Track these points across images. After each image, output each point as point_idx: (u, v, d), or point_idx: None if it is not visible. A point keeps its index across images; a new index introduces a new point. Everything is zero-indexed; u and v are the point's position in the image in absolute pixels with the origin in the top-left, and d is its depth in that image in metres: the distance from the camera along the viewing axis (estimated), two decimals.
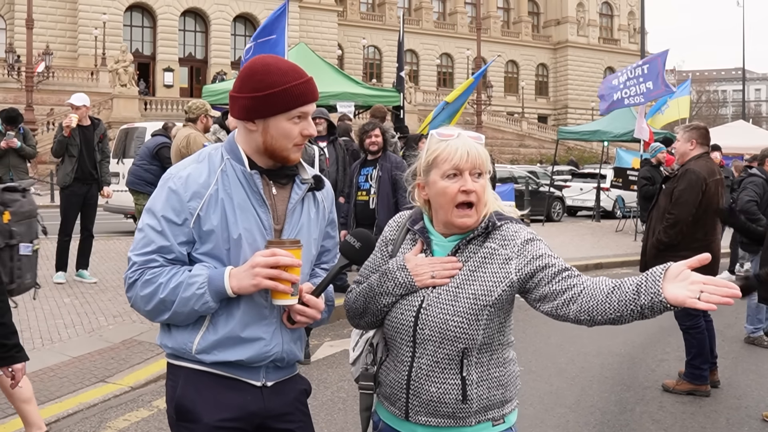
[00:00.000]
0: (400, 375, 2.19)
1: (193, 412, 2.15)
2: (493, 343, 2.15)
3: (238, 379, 2.18)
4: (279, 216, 2.20)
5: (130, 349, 6.18)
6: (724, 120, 60.54)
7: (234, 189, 2.12)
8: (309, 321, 2.19)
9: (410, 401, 2.17)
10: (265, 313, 2.16)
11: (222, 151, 2.18)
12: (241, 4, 50.87)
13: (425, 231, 2.24)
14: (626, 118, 19.88)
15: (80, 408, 4.91)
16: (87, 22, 45.67)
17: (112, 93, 36.39)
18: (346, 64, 56.82)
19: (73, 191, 8.68)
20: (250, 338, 2.14)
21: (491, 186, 2.22)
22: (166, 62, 48.88)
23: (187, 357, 2.16)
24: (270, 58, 2.20)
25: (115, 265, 10.23)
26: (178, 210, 2.09)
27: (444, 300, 2.12)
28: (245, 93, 2.11)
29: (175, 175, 2.14)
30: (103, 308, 7.53)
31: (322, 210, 2.33)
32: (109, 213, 15.79)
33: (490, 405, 2.17)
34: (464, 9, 65.48)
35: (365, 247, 2.18)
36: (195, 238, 2.11)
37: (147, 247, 2.10)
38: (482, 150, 2.16)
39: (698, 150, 5.76)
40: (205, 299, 2.05)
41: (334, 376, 5.96)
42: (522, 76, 66.82)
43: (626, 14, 71.24)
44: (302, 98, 2.11)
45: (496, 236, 2.17)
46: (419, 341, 2.14)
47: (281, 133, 2.11)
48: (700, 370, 5.74)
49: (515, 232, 2.16)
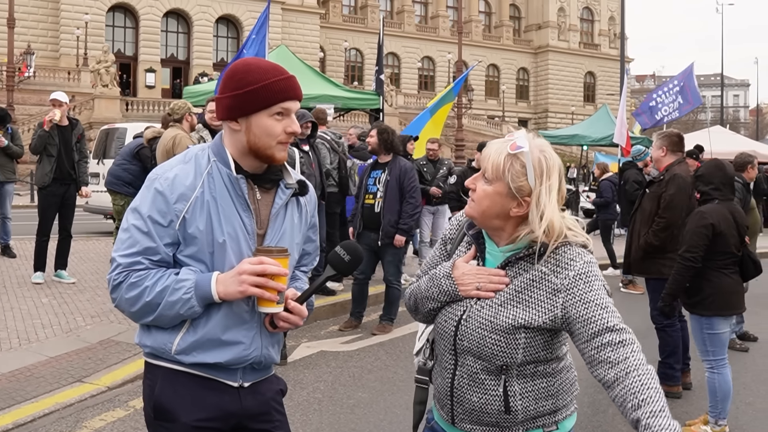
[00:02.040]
0: (444, 381, 2.17)
1: (171, 412, 2.17)
2: (538, 360, 2.06)
3: (216, 379, 2.19)
4: (262, 221, 2.21)
5: (108, 349, 6.18)
6: (703, 125, 61.07)
7: (219, 192, 2.13)
8: (291, 327, 2.21)
9: (455, 408, 2.14)
10: (246, 317, 2.17)
11: (209, 152, 2.18)
12: (224, 6, 50.78)
13: (480, 237, 2.18)
14: (605, 122, 20.09)
15: (56, 408, 4.91)
16: (69, 21, 45.42)
17: (94, 93, 36.16)
18: (328, 67, 56.87)
19: (51, 191, 8.65)
20: (229, 341, 2.15)
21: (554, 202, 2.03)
22: (148, 63, 48.70)
23: (166, 357, 2.17)
24: (251, 59, 2.22)
25: (93, 265, 10.19)
26: (164, 211, 2.09)
27: (485, 315, 2.06)
28: (227, 93, 2.13)
29: (161, 176, 2.13)
30: (81, 308, 7.51)
31: (305, 215, 2.34)
32: (89, 213, 15.71)
33: (538, 415, 2.09)
34: (446, 13, 65.72)
35: (354, 260, 2.19)
36: (180, 240, 2.11)
37: (132, 248, 2.10)
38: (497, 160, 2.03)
39: (671, 157, 5.89)
40: (191, 304, 2.07)
41: (310, 377, 6.00)
42: (503, 80, 67.15)
43: (607, 19, 71.80)
44: (282, 94, 2.11)
45: (550, 259, 2.04)
46: (459, 351, 2.11)
47: (264, 130, 2.12)
48: (673, 370, 5.83)
49: (571, 260, 2.03)
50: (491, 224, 2.11)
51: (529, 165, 2.01)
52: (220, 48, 52.08)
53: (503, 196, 2.03)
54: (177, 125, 7.25)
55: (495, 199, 2.04)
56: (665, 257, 5.75)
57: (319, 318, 7.96)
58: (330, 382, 5.91)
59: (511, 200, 2.03)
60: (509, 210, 2.05)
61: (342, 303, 8.46)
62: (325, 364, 6.41)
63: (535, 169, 2.01)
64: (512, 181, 2.01)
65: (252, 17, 50.35)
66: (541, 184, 2.01)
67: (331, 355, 6.68)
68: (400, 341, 7.26)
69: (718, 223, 4.86)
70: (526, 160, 2.01)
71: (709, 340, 4.93)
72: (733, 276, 4.99)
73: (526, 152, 2.02)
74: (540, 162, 2.02)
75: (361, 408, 5.32)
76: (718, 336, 4.95)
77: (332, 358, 6.58)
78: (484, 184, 2.07)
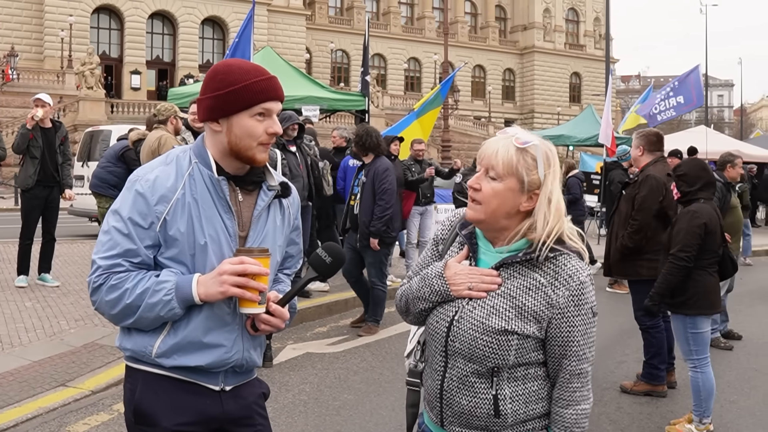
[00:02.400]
0: (434, 383, 2.14)
1: (151, 416, 2.15)
2: (529, 361, 2.05)
3: (197, 383, 2.18)
4: (244, 223, 2.19)
5: (92, 352, 6.14)
6: (687, 125, 61.44)
7: (201, 194, 2.12)
8: (273, 330, 2.19)
9: (444, 411, 2.12)
10: (228, 319, 2.16)
11: (190, 154, 2.17)
12: (210, 7, 50.60)
13: (473, 237, 2.15)
14: (590, 123, 20.17)
15: (40, 412, 4.87)
16: (53, 23, 45.12)
17: (79, 95, 35.92)
18: (314, 68, 56.78)
19: (35, 194, 8.59)
20: (211, 344, 2.14)
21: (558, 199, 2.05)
22: (133, 65, 48.46)
23: (146, 360, 2.16)
24: (232, 60, 2.22)
25: (78, 269, 10.13)
26: (145, 213, 2.08)
27: (477, 316, 2.04)
28: (208, 94, 2.13)
29: (142, 177, 2.12)
30: (65, 312, 7.46)
31: (288, 217, 2.33)
32: (74, 216, 15.62)
33: (527, 419, 2.08)
34: (432, 14, 65.77)
35: (335, 262, 2.17)
36: (161, 241, 2.10)
37: (112, 250, 2.09)
38: (507, 155, 2.02)
39: (648, 156, 5.90)
40: (172, 306, 2.05)
41: (295, 379, 5.98)
42: (489, 81, 67.31)
43: (592, 20, 72.09)
44: (263, 94, 2.10)
45: (548, 268, 2.03)
46: (450, 353, 2.09)
47: (245, 131, 2.11)
48: (658, 370, 5.85)
49: (569, 276, 2.03)
50: (498, 224, 2.07)
51: (539, 157, 2.03)
52: (205, 50, 51.88)
53: (515, 191, 2.02)
54: (162, 127, 7.23)
55: (506, 196, 2.02)
56: (642, 258, 5.78)
57: (305, 320, 7.94)
58: (316, 383, 5.89)
59: (522, 195, 2.03)
60: (519, 205, 2.04)
61: (328, 305, 8.45)
62: (310, 365, 6.40)
63: (545, 162, 2.04)
64: (525, 175, 2.01)
65: (238, 18, 50.17)
66: (549, 175, 2.04)
67: (317, 357, 6.66)
68: (386, 342, 7.26)
69: (710, 222, 4.91)
70: (536, 153, 2.03)
71: (693, 340, 4.95)
72: (714, 275, 5.03)
73: (536, 145, 2.04)
74: (547, 154, 2.05)
75: (347, 410, 5.30)
76: (702, 335, 4.97)
77: (318, 360, 6.57)
78: (492, 182, 2.03)
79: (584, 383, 2.07)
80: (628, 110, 20.31)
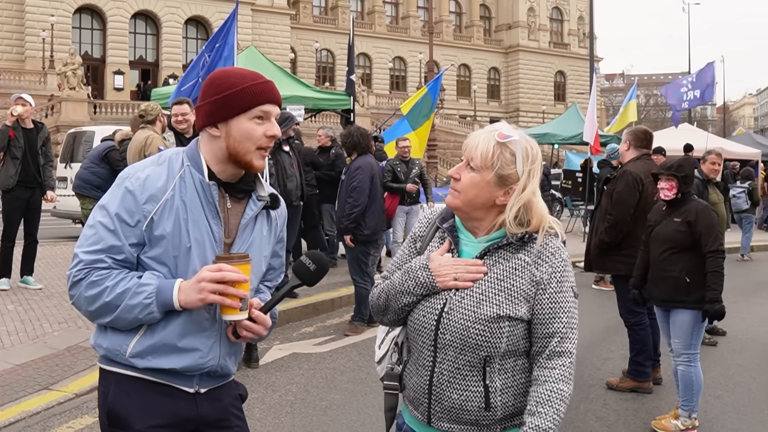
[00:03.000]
0: (422, 379, 2.13)
1: (124, 419, 2.14)
2: (518, 350, 2.08)
3: (171, 385, 2.17)
4: (231, 230, 2.19)
5: (75, 355, 6.08)
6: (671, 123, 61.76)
7: (190, 197, 2.12)
8: (254, 337, 2.19)
9: (432, 407, 2.11)
10: (206, 325, 2.16)
11: (183, 157, 2.17)
12: (193, 7, 50.38)
13: (454, 229, 2.17)
14: (575, 121, 20.24)
15: (23, 416, 4.82)
16: (34, 23, 44.75)
17: (61, 96, 35.64)
18: (299, 68, 56.69)
19: (16, 195, 8.50)
20: (186, 348, 2.13)
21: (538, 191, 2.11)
22: (116, 65, 48.16)
23: (120, 360, 2.14)
24: (229, 68, 2.27)
25: (61, 271, 10.04)
26: (132, 211, 2.07)
27: (467, 305, 2.05)
28: (207, 99, 2.14)
29: (132, 175, 2.12)
30: (48, 315, 7.40)
31: (275, 228, 2.33)
32: (57, 218, 15.50)
33: (516, 412, 2.10)
34: (417, 13, 65.81)
35: (319, 269, 2.16)
36: (145, 240, 2.09)
37: (96, 245, 2.08)
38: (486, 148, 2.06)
39: (634, 152, 5.95)
40: (151, 309, 2.05)
41: (282, 380, 5.95)
42: (474, 80, 67.41)
43: (576, 19, 72.37)
44: (261, 96, 2.12)
45: (532, 249, 2.08)
46: (440, 346, 2.08)
47: (244, 134, 2.11)
48: (643, 366, 5.88)
49: (552, 254, 2.08)
50: (475, 215, 2.11)
51: (518, 153, 2.06)
52: (189, 49, 51.58)
53: (491, 184, 2.06)
54: (149, 127, 7.17)
55: (483, 188, 2.06)
56: (620, 254, 5.82)
57: (292, 320, 7.92)
58: (302, 384, 5.87)
59: (499, 188, 2.07)
60: (496, 198, 2.08)
61: (314, 305, 8.43)
62: (297, 366, 6.38)
63: (524, 157, 2.07)
64: (502, 169, 2.05)
65: (221, 18, 49.73)
66: (528, 170, 2.07)
67: (304, 357, 6.64)
68: (372, 342, 7.18)
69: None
70: (516, 149, 2.06)
71: (696, 334, 4.97)
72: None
73: (516, 140, 2.07)
74: (527, 150, 2.08)
75: (334, 410, 5.29)
76: (702, 328, 5.02)
77: (305, 360, 6.54)
78: (471, 172, 2.08)
79: (565, 364, 2.06)
80: (611, 108, 20.49)
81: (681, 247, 4.94)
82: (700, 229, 4.86)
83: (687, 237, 4.91)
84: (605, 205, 5.94)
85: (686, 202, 5.00)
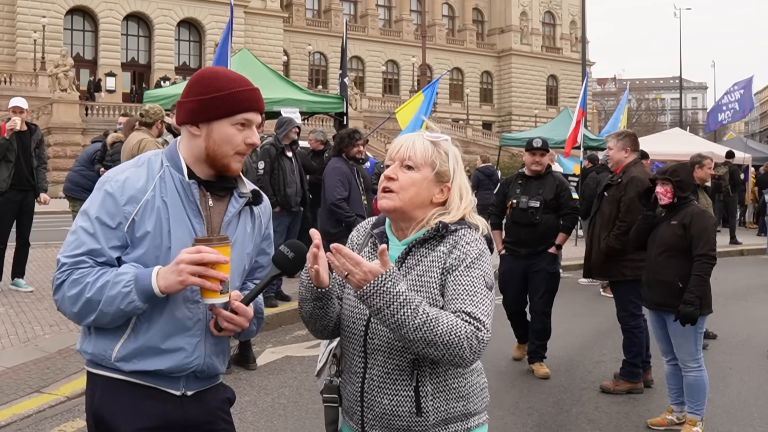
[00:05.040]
0: (354, 387, 2.13)
1: (110, 422, 2.14)
2: None
3: (157, 387, 2.17)
4: (214, 228, 2.19)
5: (67, 358, 6.07)
6: (662, 127, 62.01)
7: (170, 197, 2.12)
8: (237, 329, 2.16)
9: (365, 414, 2.10)
10: (189, 324, 2.16)
11: (162, 157, 2.18)
12: (186, 9, 50.30)
13: (384, 235, 2.21)
14: (567, 125, 20.21)
15: (14, 419, 4.81)
16: (25, 25, 44.59)
17: (52, 98, 35.53)
18: (292, 71, 56.66)
19: (9, 198, 8.47)
20: (170, 348, 2.13)
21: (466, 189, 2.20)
22: (108, 67, 48.02)
23: (106, 364, 2.15)
24: (218, 68, 2.26)
25: (52, 273, 10.00)
26: (113, 213, 2.08)
27: None
28: (191, 97, 2.13)
29: (112, 178, 2.13)
30: (39, 317, 7.38)
31: (258, 225, 2.33)
32: (49, 221, 15.41)
33: (450, 418, 2.08)
34: (410, 16, 65.89)
35: (298, 258, 2.12)
36: (128, 242, 2.09)
37: (77, 249, 2.08)
38: (423, 146, 2.15)
39: (632, 156, 6.00)
40: (132, 298, 2.02)
41: (275, 383, 5.95)
42: (467, 84, 67.51)
43: (568, 23, 72.58)
44: (247, 104, 2.13)
45: (449, 241, 2.10)
46: (370, 351, 2.09)
47: (224, 138, 2.12)
48: (638, 368, 5.97)
49: (467, 244, 2.09)
50: (412, 215, 2.15)
51: (451, 151, 2.18)
52: (182, 52, 51.56)
53: (430, 181, 2.13)
54: (144, 129, 7.08)
55: (422, 186, 2.13)
56: (626, 259, 5.83)
57: (284, 323, 7.91)
58: (295, 387, 5.87)
59: (435, 186, 2.15)
60: (432, 196, 2.15)
61: None
62: (290, 369, 6.37)
63: (455, 156, 2.19)
64: (440, 166, 2.14)
65: (214, 21, 49.96)
66: (458, 170, 2.18)
67: (297, 360, 6.64)
68: None
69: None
70: (447, 147, 2.18)
71: (699, 339, 5.01)
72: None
73: (447, 140, 2.20)
74: (454, 149, 2.20)
75: None
76: (702, 334, 5.07)
77: (297, 363, 6.54)
78: (408, 171, 2.13)
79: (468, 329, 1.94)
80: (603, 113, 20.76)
81: (676, 251, 4.96)
82: (692, 232, 4.90)
83: (681, 240, 4.93)
84: (609, 211, 5.93)
85: (684, 206, 5.02)
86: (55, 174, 24.93)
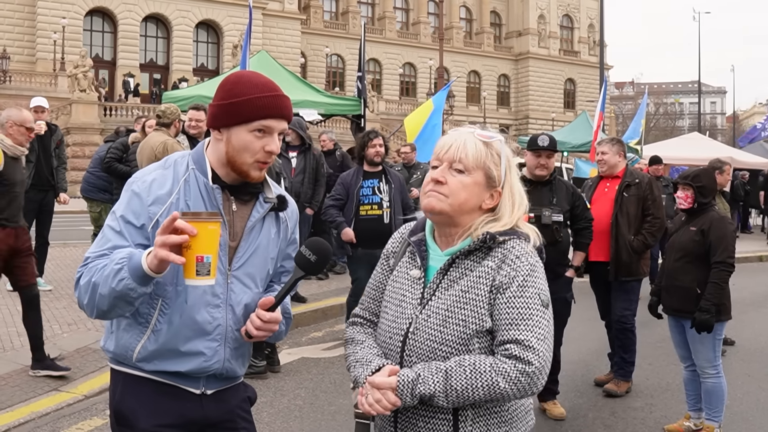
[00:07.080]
0: None
1: (130, 418, 2.17)
2: None
3: (177, 386, 2.19)
4: (236, 233, 2.19)
5: (85, 357, 6.11)
6: (680, 132, 61.74)
7: (194, 200, 2.12)
8: (267, 334, 2.17)
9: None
10: (209, 328, 2.16)
11: (189, 160, 2.19)
12: (204, 11, 50.55)
13: (422, 243, 2.06)
14: (585, 129, 20.17)
15: (32, 417, 4.85)
16: (45, 26, 44.98)
17: (71, 98, 35.80)
18: (309, 73, 56.79)
19: (29, 197, 8.50)
20: (190, 352, 2.14)
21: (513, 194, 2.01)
22: (126, 68, 48.31)
23: (128, 363, 2.18)
24: (245, 72, 2.22)
25: (70, 272, 10.08)
26: (138, 212, 2.10)
27: (433, 324, 1.91)
28: (216, 101, 2.14)
29: (139, 179, 2.15)
30: (58, 316, 7.43)
31: (284, 230, 2.32)
32: (68, 220, 15.52)
33: None
34: (427, 19, 65.88)
35: (320, 259, 2.08)
36: (152, 242, 2.08)
37: (103, 246, 2.10)
38: (475, 147, 1.96)
39: (623, 161, 6.20)
40: (122, 275, 1.94)
41: (291, 384, 5.97)
42: (484, 87, 67.40)
43: (586, 27, 72.29)
44: (265, 110, 2.09)
45: (497, 254, 1.93)
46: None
47: (242, 144, 2.10)
48: (632, 366, 6.12)
49: (517, 258, 1.92)
50: (459, 221, 1.98)
51: (503, 153, 2.00)
52: (200, 53, 51.81)
53: (481, 186, 1.97)
54: (164, 130, 7.04)
55: (473, 191, 1.96)
56: (644, 257, 6.06)
57: (301, 324, 7.93)
58: (311, 388, 5.88)
59: (485, 191, 1.98)
60: (482, 202, 1.99)
61: (323, 309, 8.44)
62: (306, 370, 6.39)
63: (508, 158, 2.00)
64: (490, 170, 1.97)
65: (232, 22, 50.17)
66: (510, 173, 2.00)
67: (312, 362, 6.65)
68: None
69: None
70: (500, 149, 2.00)
71: (717, 346, 4.99)
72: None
73: (500, 141, 2.01)
74: (508, 152, 2.02)
75: (342, 415, 5.29)
76: (721, 340, 5.06)
77: (313, 365, 6.55)
78: (458, 175, 1.95)
79: (517, 366, 1.82)
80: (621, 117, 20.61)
81: (694, 257, 4.92)
82: (711, 239, 4.85)
83: (700, 246, 4.89)
84: (635, 211, 5.98)
85: (704, 212, 4.98)
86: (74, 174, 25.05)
